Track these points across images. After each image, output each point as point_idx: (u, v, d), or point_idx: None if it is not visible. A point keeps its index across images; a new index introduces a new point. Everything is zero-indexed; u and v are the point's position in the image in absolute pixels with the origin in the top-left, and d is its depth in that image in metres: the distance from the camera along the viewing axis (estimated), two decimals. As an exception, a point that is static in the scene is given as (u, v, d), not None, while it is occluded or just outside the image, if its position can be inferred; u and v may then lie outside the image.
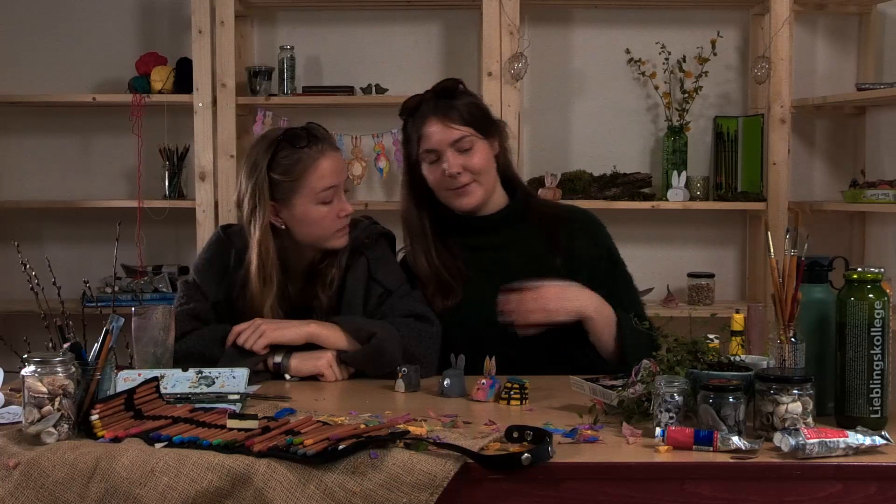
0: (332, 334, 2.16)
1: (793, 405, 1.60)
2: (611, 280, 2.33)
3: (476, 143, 2.30)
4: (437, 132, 2.28)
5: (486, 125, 2.34)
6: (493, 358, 2.02)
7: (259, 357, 2.12)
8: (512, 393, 1.90)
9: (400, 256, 2.45)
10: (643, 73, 3.82)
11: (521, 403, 1.89)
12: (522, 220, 2.38)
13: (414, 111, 2.34)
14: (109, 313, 1.82)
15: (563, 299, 2.17)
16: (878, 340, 1.66)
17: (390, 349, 2.12)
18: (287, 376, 2.12)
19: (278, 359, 2.13)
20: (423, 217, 2.37)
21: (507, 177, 2.41)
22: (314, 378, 2.13)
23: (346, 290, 2.26)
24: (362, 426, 1.59)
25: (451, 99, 2.32)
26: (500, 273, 2.31)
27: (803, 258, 1.74)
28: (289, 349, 2.14)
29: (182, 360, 2.07)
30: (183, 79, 3.64)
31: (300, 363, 2.13)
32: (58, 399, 1.58)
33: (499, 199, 2.39)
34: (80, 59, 3.85)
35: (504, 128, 2.41)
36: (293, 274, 2.30)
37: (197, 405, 1.77)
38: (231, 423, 1.59)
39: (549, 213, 2.40)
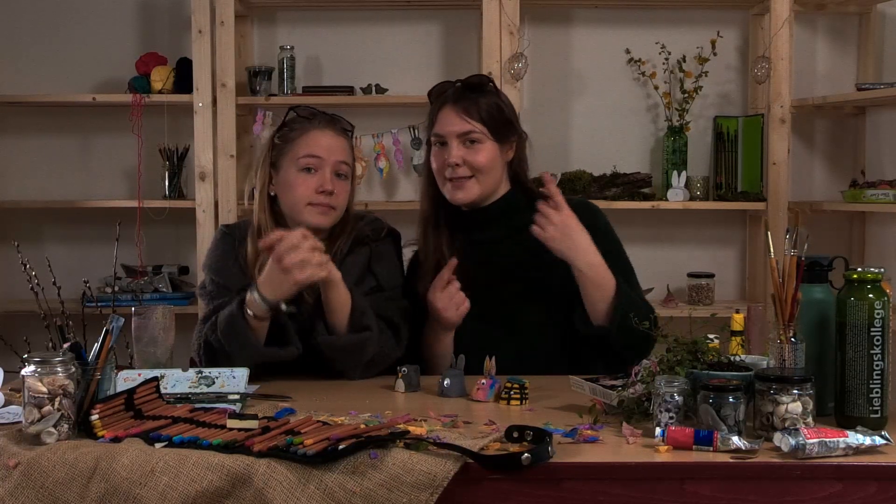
0: (343, 295, 2.13)
1: (793, 405, 1.60)
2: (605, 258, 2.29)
3: (485, 141, 2.30)
4: (448, 120, 2.32)
5: (503, 128, 2.33)
6: (493, 358, 2.02)
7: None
8: (512, 393, 1.90)
9: (412, 249, 2.46)
10: (643, 73, 3.82)
11: (521, 403, 1.90)
12: (518, 212, 2.35)
13: (437, 96, 2.37)
14: (109, 313, 1.82)
15: (568, 239, 2.20)
16: (878, 340, 1.66)
17: (368, 352, 2.12)
18: (283, 307, 2.10)
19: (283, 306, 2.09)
20: (436, 202, 2.38)
21: (519, 183, 2.40)
22: (314, 377, 2.14)
23: (342, 271, 2.24)
24: (362, 426, 1.59)
25: (476, 94, 2.33)
26: (495, 267, 2.32)
27: (803, 258, 1.74)
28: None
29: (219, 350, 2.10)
30: (183, 79, 3.64)
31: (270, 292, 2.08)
32: (58, 399, 1.58)
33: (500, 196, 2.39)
34: (80, 59, 3.85)
35: (525, 138, 2.41)
36: None
37: (197, 405, 1.77)
38: (231, 423, 1.60)
39: None
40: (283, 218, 2.30)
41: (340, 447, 1.47)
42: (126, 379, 1.85)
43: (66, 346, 1.70)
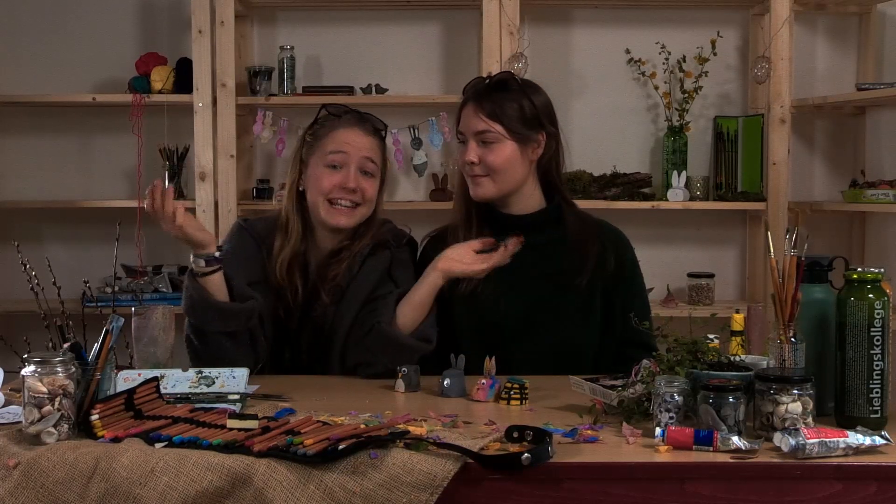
0: (421, 311, 2.21)
1: (793, 405, 1.60)
2: (627, 297, 2.35)
3: (502, 141, 2.28)
4: (466, 118, 2.33)
5: (524, 128, 2.30)
6: (493, 358, 2.02)
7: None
8: (512, 393, 1.90)
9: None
10: (643, 73, 3.82)
11: (521, 403, 1.90)
12: (553, 228, 2.35)
13: (465, 92, 2.37)
14: (109, 313, 1.82)
15: None
16: (878, 340, 1.66)
17: (405, 357, 2.12)
18: (192, 257, 2.15)
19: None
20: (468, 197, 2.37)
21: (549, 182, 2.38)
22: (314, 377, 2.13)
23: (362, 271, 2.27)
24: (362, 426, 1.59)
25: (500, 92, 2.31)
26: (520, 275, 2.30)
27: (803, 258, 1.74)
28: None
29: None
30: (183, 79, 3.64)
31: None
32: (58, 399, 1.58)
33: (534, 201, 2.37)
34: (80, 59, 3.85)
35: (554, 136, 2.36)
36: (317, 251, 2.32)
37: (197, 405, 1.77)
38: (231, 423, 1.60)
39: (582, 228, 2.36)
40: (310, 214, 2.32)
41: (340, 447, 1.47)
42: (126, 379, 1.85)
43: (66, 346, 1.70)
